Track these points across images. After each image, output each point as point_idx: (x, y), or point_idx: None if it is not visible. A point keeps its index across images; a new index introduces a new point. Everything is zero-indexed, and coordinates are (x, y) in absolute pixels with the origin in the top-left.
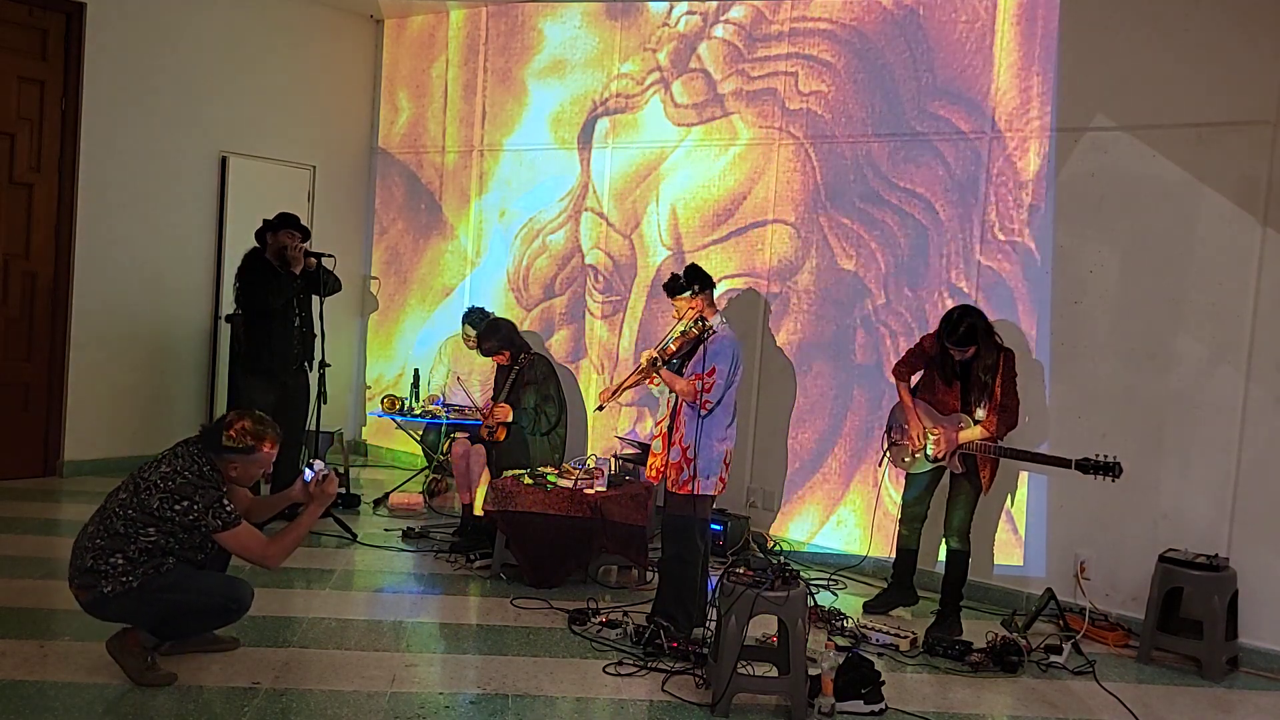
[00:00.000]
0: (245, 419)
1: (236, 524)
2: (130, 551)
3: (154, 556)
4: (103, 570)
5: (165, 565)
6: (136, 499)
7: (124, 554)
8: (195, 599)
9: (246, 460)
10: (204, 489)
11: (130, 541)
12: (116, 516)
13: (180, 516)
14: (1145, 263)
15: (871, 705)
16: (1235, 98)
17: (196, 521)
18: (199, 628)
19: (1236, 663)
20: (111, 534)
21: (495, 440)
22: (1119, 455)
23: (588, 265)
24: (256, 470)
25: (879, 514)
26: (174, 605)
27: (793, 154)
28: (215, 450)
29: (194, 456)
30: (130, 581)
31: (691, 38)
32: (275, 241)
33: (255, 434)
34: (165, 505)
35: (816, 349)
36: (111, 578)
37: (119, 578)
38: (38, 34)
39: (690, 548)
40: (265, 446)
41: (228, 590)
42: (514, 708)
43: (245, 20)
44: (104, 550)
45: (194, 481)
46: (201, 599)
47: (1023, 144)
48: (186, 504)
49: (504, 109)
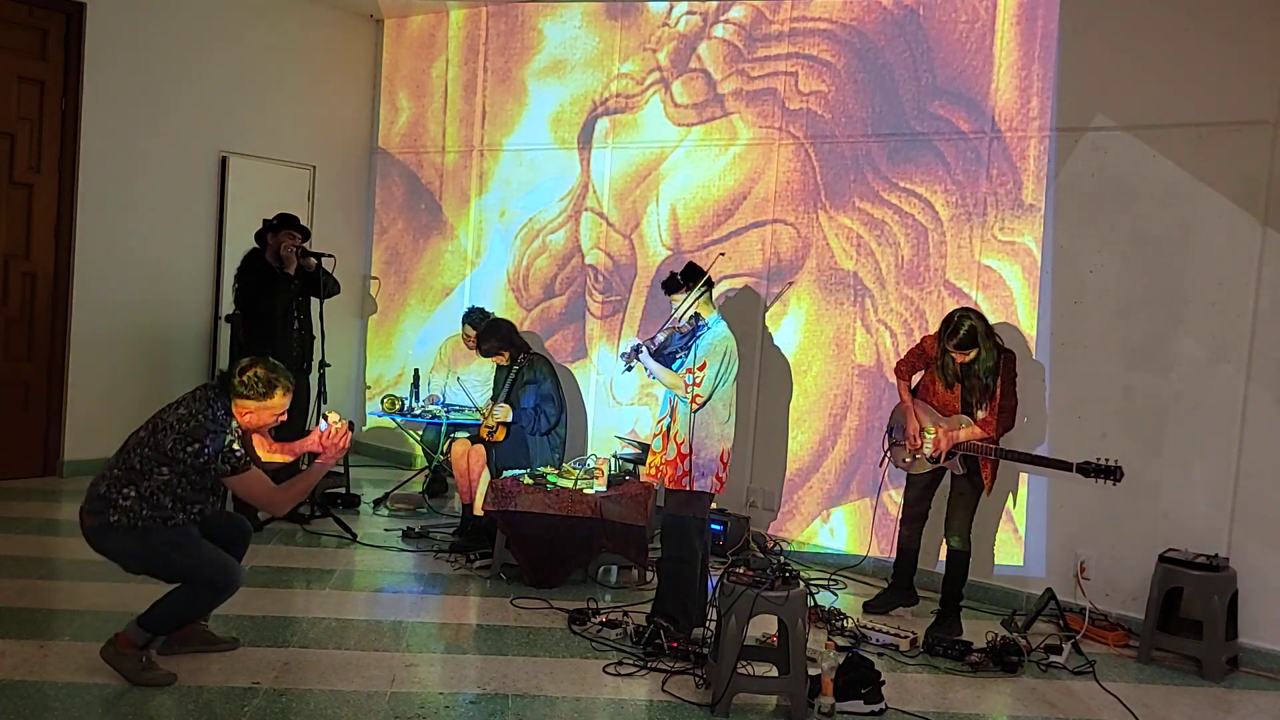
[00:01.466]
0: (259, 366)
1: (245, 469)
2: (143, 488)
3: (164, 501)
4: (114, 500)
5: (174, 520)
6: (153, 439)
7: (136, 488)
8: (191, 565)
9: (259, 406)
10: (215, 433)
11: (144, 477)
12: (134, 453)
13: (192, 459)
14: (1145, 263)
15: (871, 705)
16: (1235, 98)
17: (207, 465)
18: (186, 606)
19: (1236, 663)
20: (128, 468)
21: (495, 440)
22: (1119, 456)
23: (588, 265)
24: (268, 416)
25: (879, 514)
26: (168, 564)
27: (793, 154)
28: (229, 395)
29: (209, 401)
30: (136, 520)
31: (691, 38)
32: (275, 242)
33: (267, 381)
34: (178, 447)
35: (816, 349)
36: (121, 509)
37: (127, 510)
38: (38, 34)
39: (689, 548)
40: (277, 393)
41: (223, 567)
42: (514, 708)
43: (245, 20)
44: (119, 480)
45: (206, 425)
46: (196, 567)
47: (1023, 144)
48: (198, 446)
49: (504, 109)
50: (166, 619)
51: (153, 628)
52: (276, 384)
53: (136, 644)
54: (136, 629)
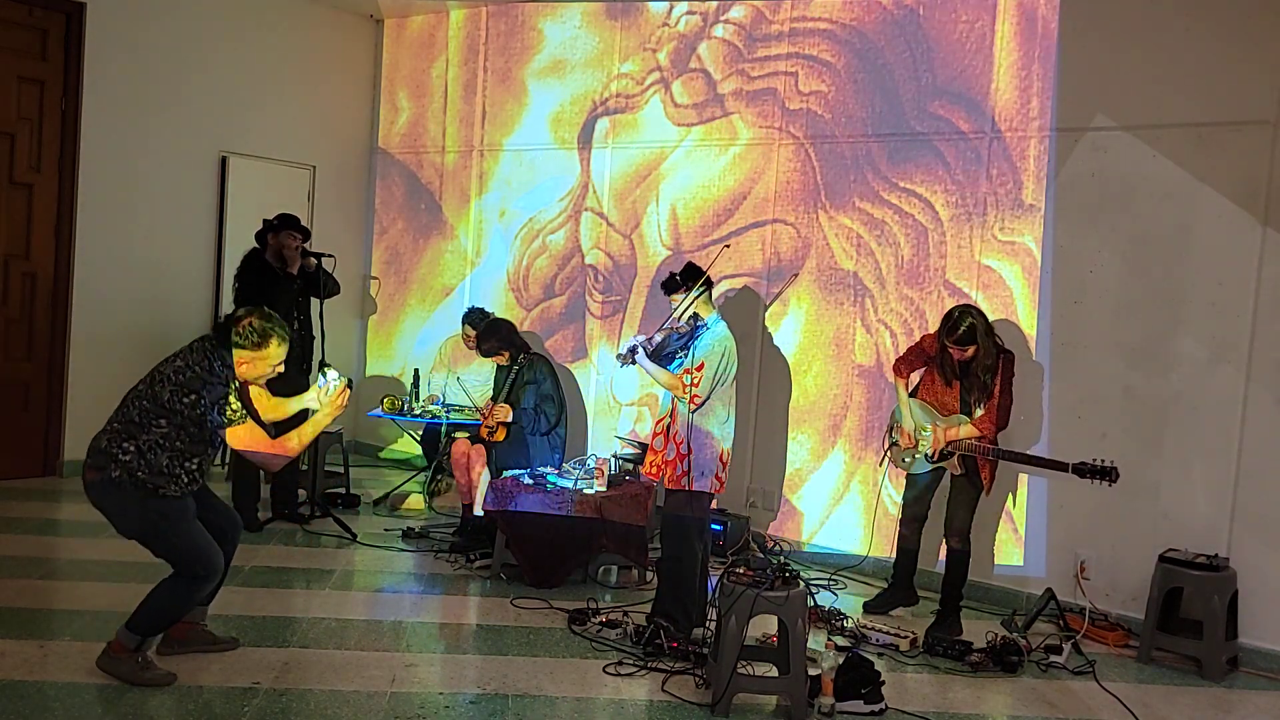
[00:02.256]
0: (254, 316)
1: (242, 422)
2: (142, 441)
3: (161, 458)
4: (114, 454)
5: (170, 491)
6: (151, 391)
7: (136, 442)
8: (179, 543)
9: (254, 356)
10: (212, 384)
11: (143, 430)
12: (132, 406)
13: (188, 410)
14: (1145, 263)
15: (871, 705)
16: (1235, 98)
17: (203, 416)
18: (169, 602)
19: (1236, 663)
20: (127, 421)
21: (495, 440)
22: (1119, 456)
23: (588, 265)
24: (265, 368)
25: (879, 514)
26: (159, 535)
27: (793, 154)
28: (225, 345)
29: (207, 352)
30: (134, 477)
31: (691, 38)
32: (276, 242)
33: (261, 331)
34: (175, 398)
35: (816, 349)
36: (121, 464)
37: (127, 465)
38: (38, 34)
39: (689, 547)
40: (272, 343)
41: (206, 555)
42: (514, 708)
43: (245, 20)
44: (119, 434)
45: (203, 376)
46: (183, 546)
47: (1023, 144)
48: (194, 397)
49: (504, 109)
50: (153, 618)
51: (142, 629)
52: (271, 334)
53: (129, 648)
54: (127, 633)
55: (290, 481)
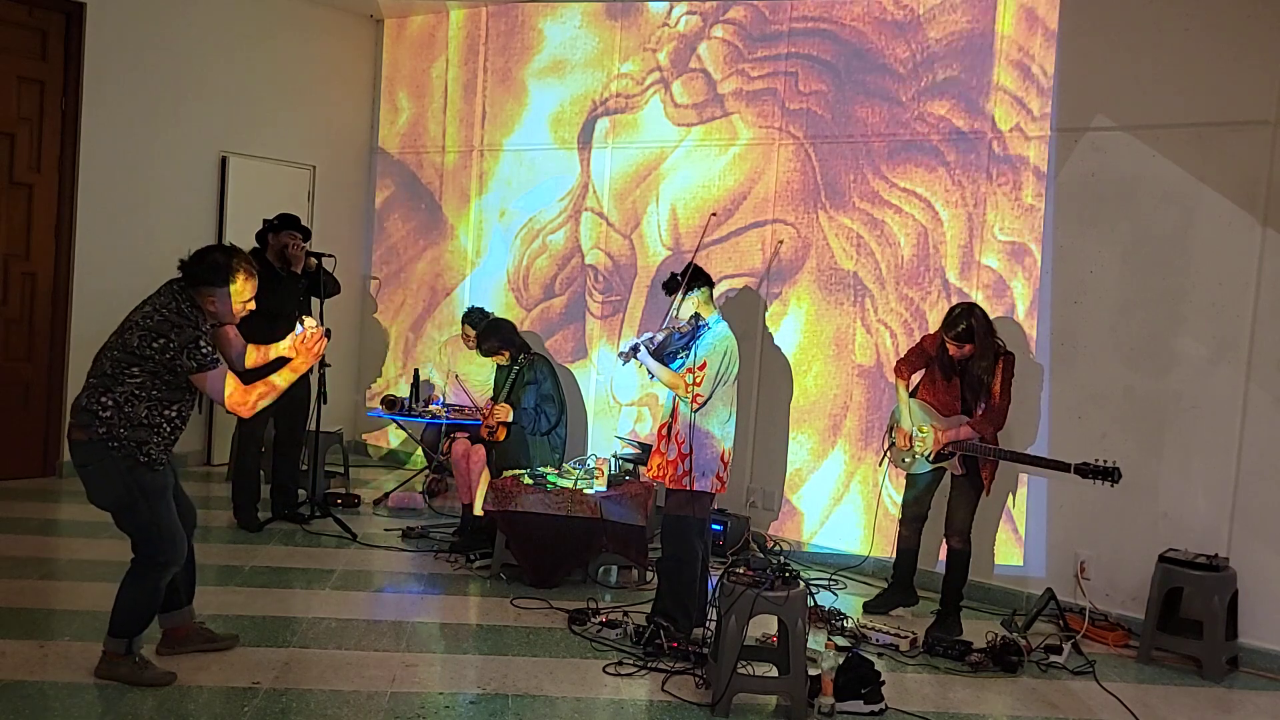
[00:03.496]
0: (216, 252)
1: (213, 366)
2: (118, 394)
3: (139, 410)
4: (94, 410)
5: (153, 448)
6: (120, 339)
7: (113, 395)
8: (150, 521)
9: (222, 293)
10: (181, 327)
11: (117, 382)
12: (106, 357)
13: (158, 354)
14: (1145, 263)
15: (871, 705)
16: (1235, 98)
17: (174, 360)
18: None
19: (1236, 663)
20: (101, 374)
21: (495, 440)
22: (1119, 456)
23: (588, 265)
24: (233, 304)
25: (879, 514)
26: (134, 510)
27: (793, 154)
28: (191, 284)
29: (174, 294)
30: (118, 439)
31: (691, 38)
32: (276, 242)
33: (226, 266)
34: (144, 343)
35: (816, 349)
36: (103, 420)
37: (109, 421)
38: (38, 34)
39: (689, 548)
40: (239, 278)
41: (172, 539)
42: (514, 708)
43: (245, 20)
44: (95, 389)
45: (171, 319)
46: (152, 525)
47: (1023, 144)
48: (164, 341)
49: (504, 109)
50: (128, 617)
51: (124, 631)
52: (237, 269)
53: (120, 652)
54: (112, 640)
55: (290, 481)
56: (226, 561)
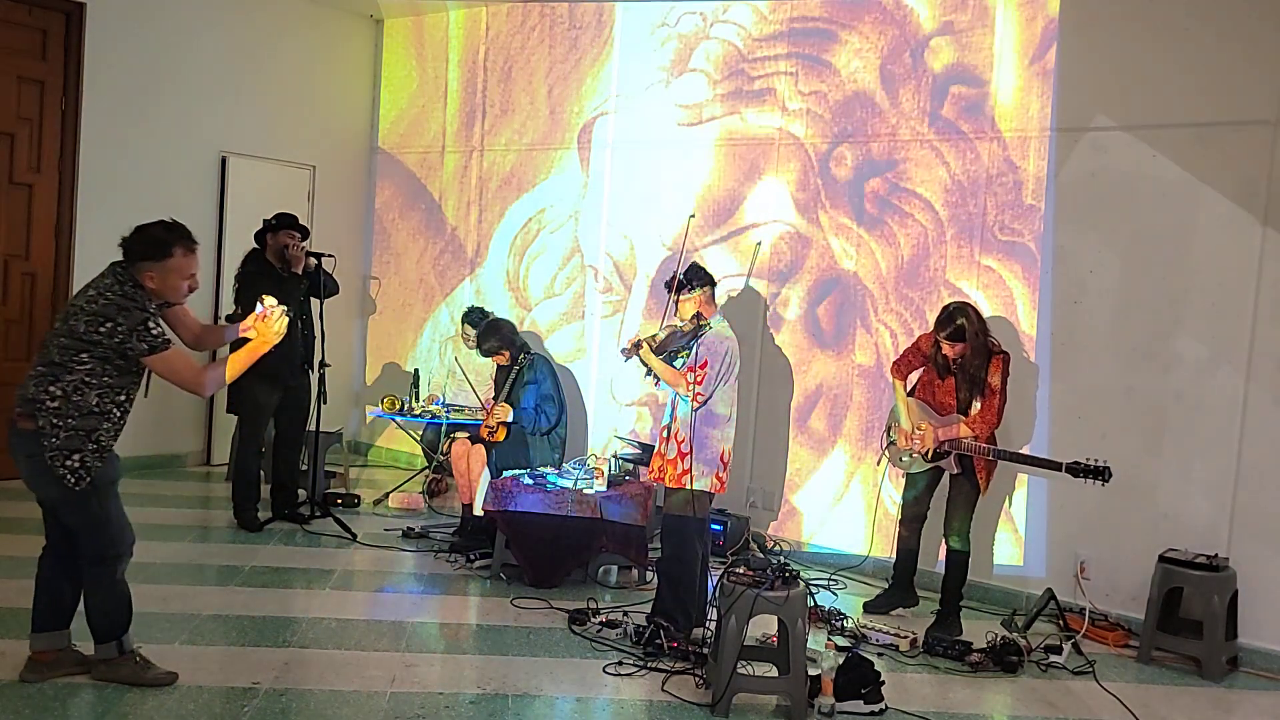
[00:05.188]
0: (154, 225)
1: (165, 348)
2: (66, 383)
3: (89, 398)
4: (41, 400)
5: (103, 435)
6: (66, 325)
7: (61, 385)
8: (100, 517)
9: (161, 268)
10: (128, 309)
11: (65, 370)
12: (53, 345)
13: (106, 339)
14: (1145, 263)
15: (871, 705)
16: (1235, 98)
17: (123, 344)
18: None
19: (1236, 663)
20: (49, 362)
21: (495, 440)
22: (1119, 456)
23: (588, 265)
24: (176, 280)
25: (879, 514)
26: (84, 506)
27: (793, 154)
28: (130, 260)
29: (117, 276)
30: (63, 434)
31: (691, 38)
32: (275, 242)
33: (162, 240)
34: (91, 328)
35: (816, 349)
36: (49, 411)
37: (54, 410)
38: (38, 34)
39: (689, 547)
40: (177, 251)
41: (124, 529)
42: (514, 708)
43: (245, 20)
44: (44, 378)
45: (117, 302)
46: (102, 522)
47: (1023, 144)
48: (111, 325)
49: (504, 109)
50: (108, 618)
51: (108, 635)
52: (174, 242)
53: (114, 656)
54: (101, 646)
55: (290, 481)
56: (226, 561)
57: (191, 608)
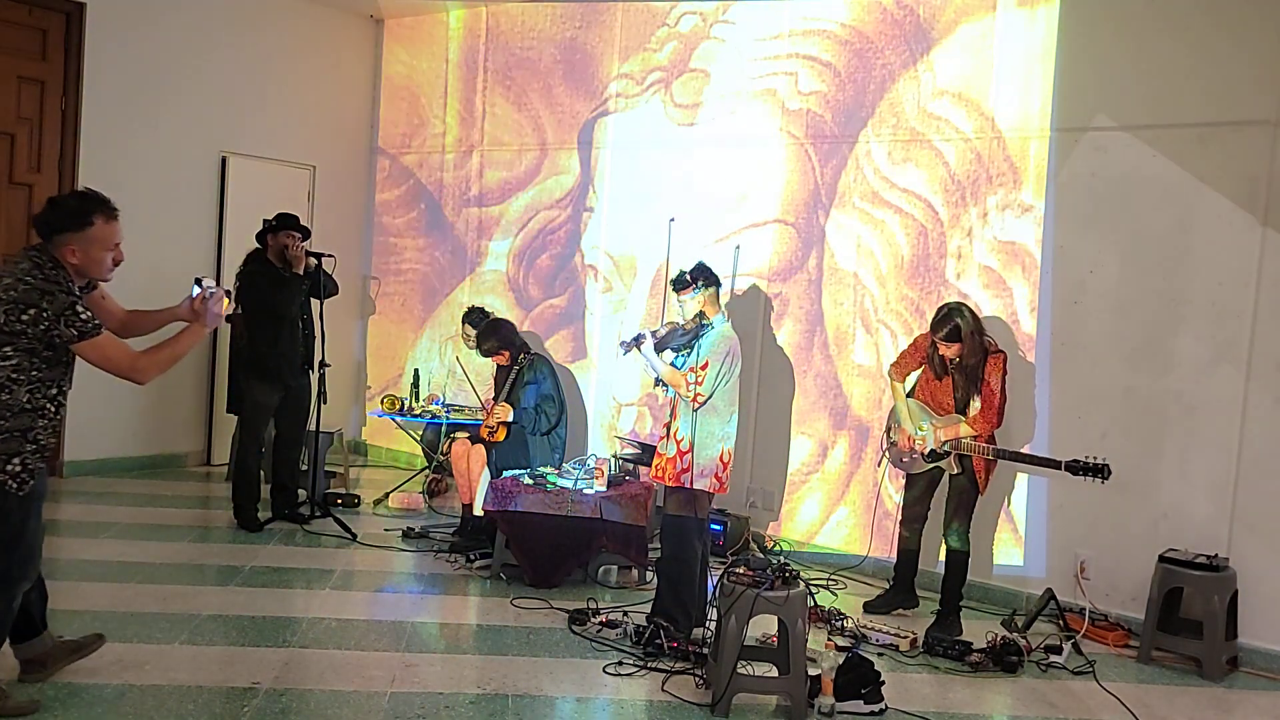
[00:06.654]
0: (69, 196)
1: (96, 333)
2: None
3: (19, 394)
4: None
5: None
6: None
7: None
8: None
9: (82, 239)
10: (51, 294)
11: None
12: None
13: (30, 327)
14: (1145, 263)
15: (871, 705)
16: (1235, 98)
17: (49, 330)
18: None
19: (1236, 663)
20: None
21: (495, 440)
22: (1119, 456)
23: (588, 265)
24: (100, 251)
25: (879, 514)
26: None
27: (793, 154)
28: (48, 236)
29: (35, 259)
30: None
31: (691, 38)
32: (276, 242)
33: (81, 209)
34: (12, 317)
35: (816, 348)
36: None
37: None
38: (38, 34)
39: (688, 548)
40: (98, 219)
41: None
42: (514, 708)
43: (245, 20)
44: None
45: (39, 286)
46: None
47: (1023, 144)
48: (34, 311)
49: (503, 108)
50: None
51: None
52: (94, 210)
53: None
54: None
55: (290, 481)
56: (226, 561)
57: (191, 608)
